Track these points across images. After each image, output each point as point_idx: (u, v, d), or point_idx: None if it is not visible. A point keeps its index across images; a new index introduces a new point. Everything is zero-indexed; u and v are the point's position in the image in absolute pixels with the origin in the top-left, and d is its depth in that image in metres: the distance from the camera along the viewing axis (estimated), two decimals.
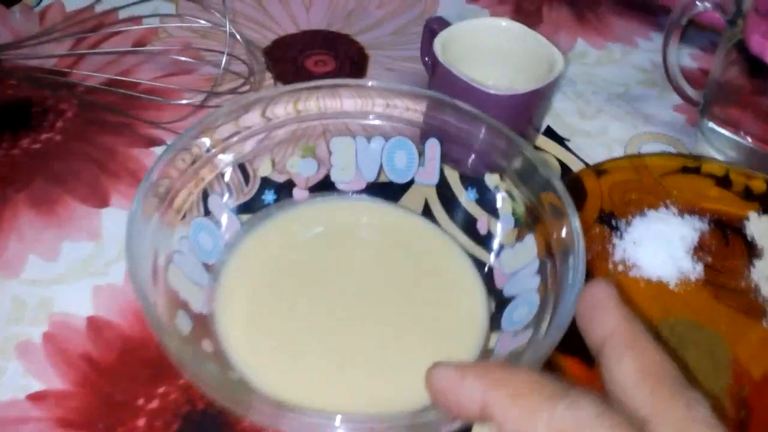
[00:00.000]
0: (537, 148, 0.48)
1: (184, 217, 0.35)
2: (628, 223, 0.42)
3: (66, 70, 0.50)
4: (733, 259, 0.42)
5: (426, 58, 0.49)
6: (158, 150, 0.45)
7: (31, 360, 0.35)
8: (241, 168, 0.38)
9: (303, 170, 0.39)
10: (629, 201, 0.44)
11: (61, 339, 0.36)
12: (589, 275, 0.39)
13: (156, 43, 0.53)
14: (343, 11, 0.58)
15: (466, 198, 0.39)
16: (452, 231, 0.39)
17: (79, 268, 0.39)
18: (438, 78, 0.43)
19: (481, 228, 0.38)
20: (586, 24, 0.59)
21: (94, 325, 0.36)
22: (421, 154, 0.39)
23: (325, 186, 0.40)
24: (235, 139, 0.37)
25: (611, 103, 0.52)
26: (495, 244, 0.37)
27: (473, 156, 0.37)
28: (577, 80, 0.53)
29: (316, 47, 0.54)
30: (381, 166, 0.40)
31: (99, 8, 0.56)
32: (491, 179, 0.37)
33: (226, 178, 0.38)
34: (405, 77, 0.52)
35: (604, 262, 0.40)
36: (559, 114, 0.51)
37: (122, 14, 0.56)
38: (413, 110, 0.38)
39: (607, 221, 0.43)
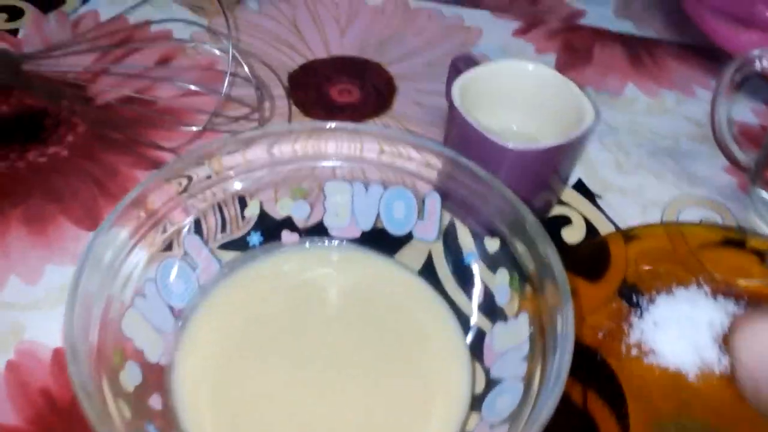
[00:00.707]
0: (562, 202, 0.43)
1: (159, 251, 0.33)
2: (651, 300, 0.38)
3: (83, 83, 0.49)
4: None
5: (450, 98, 0.46)
6: None
7: None
8: (226, 205, 0.36)
9: (294, 213, 0.37)
10: (657, 274, 0.39)
11: (24, 370, 0.34)
12: (600, 357, 0.35)
13: (182, 58, 0.52)
14: (378, 37, 0.55)
15: (466, 259, 0.35)
16: (453, 292, 0.35)
17: (57, 294, 0.37)
18: (454, 123, 0.40)
19: (477, 294, 0.34)
20: (639, 67, 0.54)
21: (59, 358, 0.35)
22: (421, 207, 0.36)
23: (317, 231, 0.37)
24: (229, 173, 0.35)
25: (654, 157, 0.47)
26: (488, 316, 0.33)
27: (473, 217, 0.34)
28: (620, 129, 0.49)
29: (344, 74, 0.52)
30: (378, 216, 0.37)
31: (133, 19, 0.56)
32: (491, 244, 0.33)
33: (211, 214, 0.36)
34: (432, 113, 0.49)
35: (617, 342, 0.36)
36: (594, 165, 0.46)
37: (154, 28, 0.55)
38: (416, 161, 0.35)
39: (628, 295, 0.38)
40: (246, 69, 0.43)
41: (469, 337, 0.34)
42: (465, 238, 0.35)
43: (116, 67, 0.50)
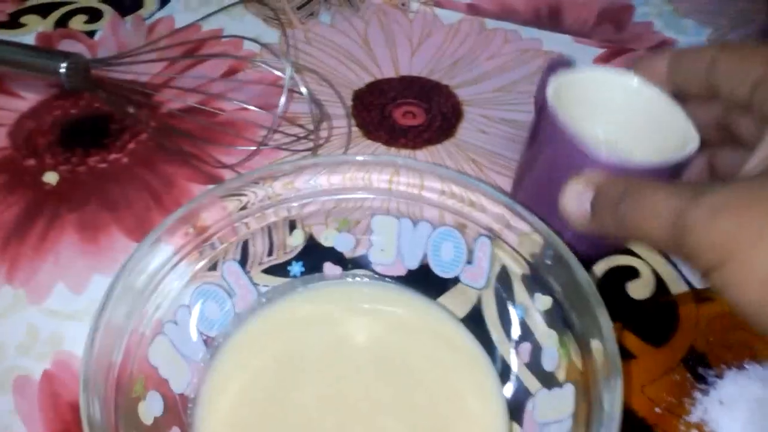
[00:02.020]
0: (630, 252, 0.40)
1: (202, 271, 0.33)
2: (720, 375, 0.34)
3: (150, 91, 0.49)
4: None
5: (539, 100, 0.40)
6: None
7: (23, 397, 0.34)
8: (276, 230, 0.35)
9: (339, 245, 0.35)
10: (729, 344, 0.36)
11: (58, 381, 0.34)
12: None
13: (249, 71, 0.52)
14: (449, 59, 0.53)
15: (515, 314, 0.33)
16: (500, 344, 0.33)
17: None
18: (542, 124, 0.36)
19: (523, 354, 0.32)
20: None
21: None
22: (470, 251, 0.34)
23: (361, 265, 0.36)
24: (281, 198, 0.34)
25: None
26: (534, 376, 0.31)
27: (526, 269, 0.31)
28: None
29: (410, 96, 0.50)
30: (425, 255, 0.35)
31: (206, 26, 0.56)
32: (541, 302, 0.31)
33: (260, 238, 0.35)
34: (497, 142, 0.47)
35: (676, 419, 0.33)
36: None
37: (226, 38, 0.55)
38: (470, 204, 0.33)
39: (694, 367, 0.35)
40: (304, 91, 0.42)
41: (509, 392, 0.31)
42: (517, 289, 0.33)
43: (182, 77, 0.50)
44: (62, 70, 0.46)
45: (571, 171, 0.31)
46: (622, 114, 0.37)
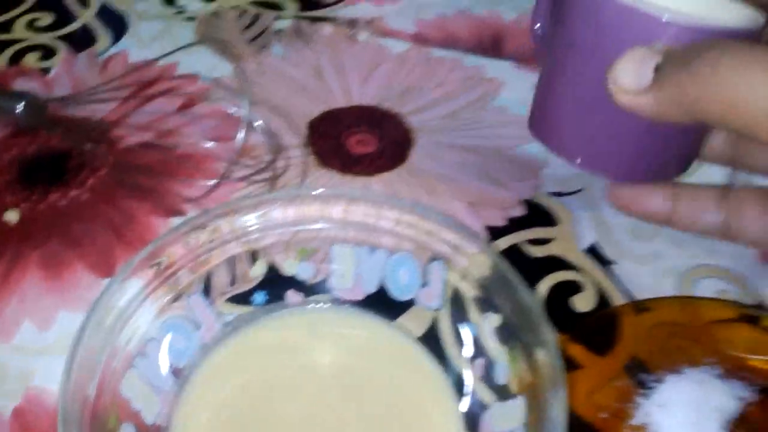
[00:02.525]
0: (573, 267, 0.43)
1: (168, 304, 0.34)
2: (659, 380, 0.37)
3: (107, 127, 0.50)
4: None
5: (537, 26, 0.36)
6: (176, 222, 0.44)
7: None
8: (238, 262, 0.37)
9: (300, 273, 0.37)
10: (668, 350, 0.38)
11: (30, 418, 0.35)
12: None
13: (205, 104, 0.53)
14: (399, 87, 0.56)
15: (468, 332, 0.35)
16: (457, 361, 0.35)
17: (67, 341, 0.37)
18: (567, 5, 0.28)
19: (477, 369, 0.34)
20: None
21: None
22: (425, 274, 0.36)
23: (321, 291, 0.38)
24: (241, 231, 0.36)
25: None
26: (488, 389, 0.33)
27: (476, 290, 0.34)
28: None
29: (363, 124, 0.52)
30: (383, 280, 0.37)
31: (161, 61, 0.57)
32: (491, 320, 0.33)
33: (223, 270, 0.36)
34: (448, 166, 0.49)
35: (620, 423, 0.35)
36: (610, 229, 0.46)
37: (181, 70, 0.56)
38: (422, 230, 0.35)
39: (635, 373, 0.37)
40: (259, 123, 0.44)
41: (466, 405, 0.33)
42: (469, 309, 0.35)
43: (138, 112, 0.51)
44: (19, 110, 0.47)
45: (623, 49, 0.24)
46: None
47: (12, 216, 0.44)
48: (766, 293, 0.42)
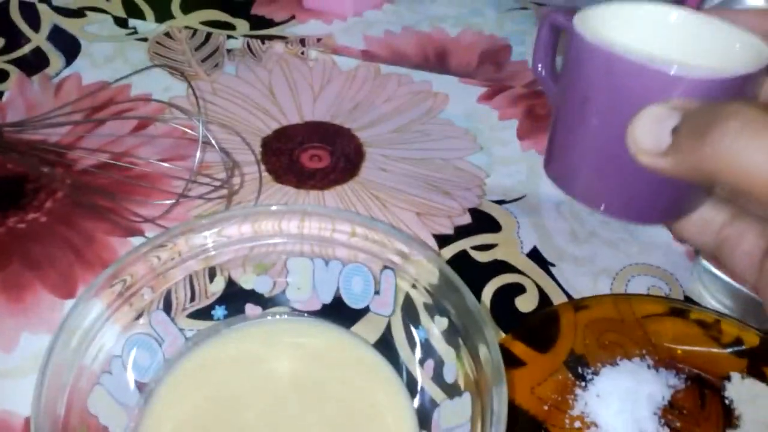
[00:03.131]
0: (517, 270, 0.46)
1: (130, 322, 0.35)
2: (596, 372, 0.40)
3: (64, 150, 0.51)
4: (706, 424, 0.38)
5: (539, 66, 0.36)
6: (135, 241, 0.45)
7: None
8: (197, 279, 0.38)
9: (258, 287, 0.39)
10: (604, 345, 0.42)
11: None
12: (545, 428, 0.37)
13: (159, 125, 0.54)
14: (349, 104, 0.58)
15: (418, 335, 0.37)
16: (409, 363, 0.37)
17: (31, 363, 0.39)
18: (576, 62, 0.28)
19: (428, 370, 0.36)
20: None
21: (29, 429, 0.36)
22: (377, 282, 0.38)
23: (279, 303, 0.39)
24: (200, 249, 0.37)
25: (607, 226, 0.49)
26: (439, 388, 0.35)
27: (424, 294, 0.36)
28: None
29: (315, 140, 0.54)
30: (338, 290, 0.39)
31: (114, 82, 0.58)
32: (439, 323, 0.36)
33: (182, 288, 0.38)
34: (397, 179, 0.51)
35: (561, 414, 0.38)
36: (550, 234, 0.49)
37: (134, 91, 0.57)
38: (373, 241, 0.37)
39: (575, 367, 0.40)
40: (215, 144, 0.46)
41: (417, 403, 0.36)
42: (419, 314, 0.37)
43: (93, 135, 0.53)
44: None
45: (635, 103, 0.25)
46: (661, 48, 0.30)
47: None
48: (693, 288, 0.46)
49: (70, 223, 0.47)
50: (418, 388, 0.36)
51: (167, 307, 0.37)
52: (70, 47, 0.62)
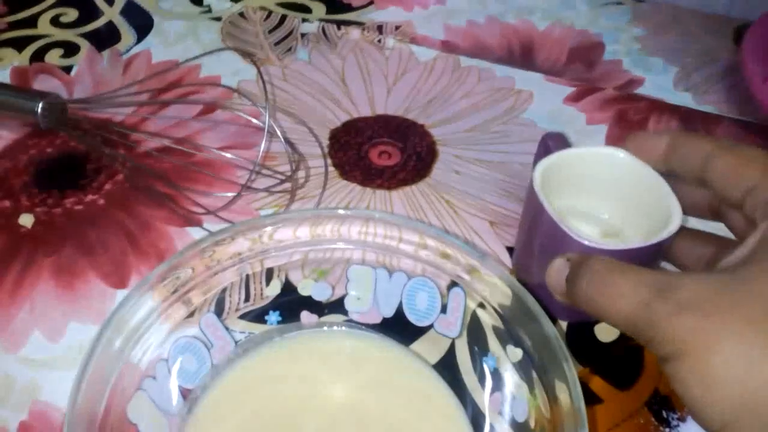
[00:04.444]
0: None
1: (181, 321, 0.33)
2: (682, 419, 0.35)
3: (127, 131, 0.49)
4: None
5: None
6: (193, 231, 0.43)
7: None
8: (253, 280, 0.36)
9: (315, 293, 0.36)
10: None
11: None
12: None
13: (227, 108, 0.52)
14: (424, 97, 0.54)
15: (488, 364, 0.34)
16: (474, 391, 0.34)
17: (76, 355, 0.38)
18: (530, 204, 0.37)
19: (495, 403, 0.33)
20: None
21: None
22: (445, 300, 0.35)
23: (337, 312, 0.37)
24: (258, 249, 0.35)
25: None
26: (506, 429, 0.32)
27: (497, 321, 0.32)
28: None
29: (386, 135, 0.51)
30: (401, 304, 0.36)
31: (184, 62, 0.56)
32: (513, 353, 0.32)
33: (237, 289, 0.35)
34: (470, 183, 0.48)
35: None
36: None
37: (204, 72, 0.55)
38: (443, 254, 0.34)
39: (658, 410, 0.36)
40: (280, 135, 0.43)
41: None
42: (489, 340, 0.34)
43: (159, 116, 0.51)
44: (39, 110, 0.46)
45: (556, 250, 0.33)
46: (614, 188, 0.39)
47: (26, 220, 0.44)
48: None
49: (128, 209, 0.45)
50: (486, 424, 0.32)
51: (219, 309, 0.35)
52: (142, 23, 0.60)
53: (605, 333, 0.40)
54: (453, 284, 0.34)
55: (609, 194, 0.40)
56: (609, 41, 0.61)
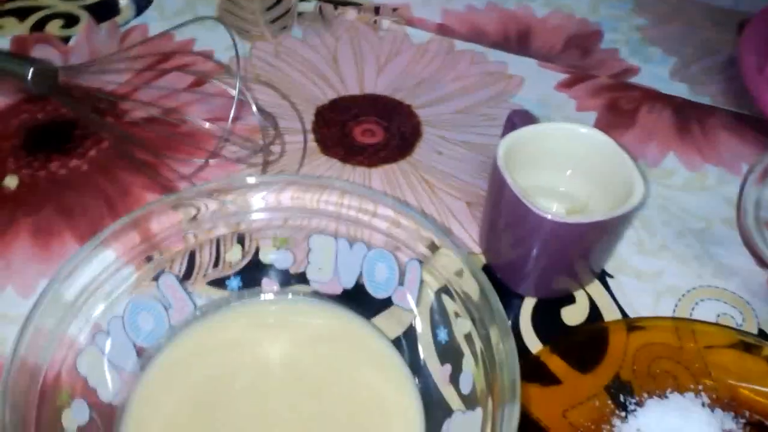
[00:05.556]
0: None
1: (144, 278, 0.34)
2: (641, 404, 0.35)
3: (116, 99, 0.50)
4: None
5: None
6: None
7: None
8: (224, 243, 0.36)
9: (277, 262, 0.36)
10: (655, 373, 0.37)
11: None
12: None
13: (217, 81, 0.52)
14: (414, 79, 0.54)
15: (439, 336, 0.34)
16: (433, 367, 0.34)
17: None
18: (494, 181, 0.38)
19: (444, 375, 0.33)
20: (686, 136, 0.51)
21: None
22: (402, 273, 0.35)
23: (299, 282, 0.37)
24: (225, 212, 0.35)
25: (681, 239, 0.44)
26: (455, 401, 0.32)
27: (450, 294, 0.32)
28: (649, 203, 0.46)
29: (372, 114, 0.51)
30: (361, 275, 0.36)
31: (179, 36, 0.57)
32: (463, 326, 0.32)
33: (198, 252, 0.36)
34: (452, 164, 0.48)
35: None
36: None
37: (198, 47, 0.56)
38: (404, 229, 0.34)
39: (616, 394, 0.36)
40: (253, 105, 0.43)
41: (430, 407, 0.33)
42: (443, 312, 0.34)
43: (149, 87, 0.51)
44: (29, 76, 0.47)
45: (520, 226, 0.35)
46: (577, 163, 0.39)
47: (11, 182, 0.45)
48: None
49: (110, 175, 0.46)
50: (434, 392, 0.32)
51: (181, 271, 0.35)
52: None
53: (571, 316, 0.39)
54: (411, 257, 0.34)
55: (574, 170, 0.40)
56: (608, 30, 0.60)
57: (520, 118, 0.41)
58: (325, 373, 0.33)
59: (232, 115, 0.42)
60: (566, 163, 0.40)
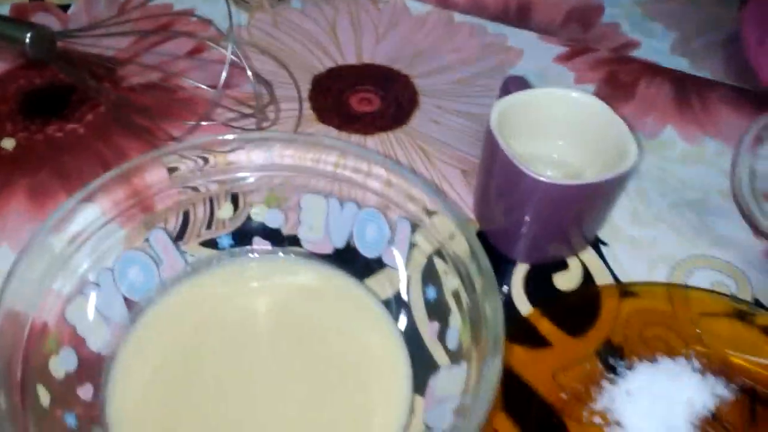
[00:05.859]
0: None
1: (134, 232, 0.34)
2: (630, 367, 0.35)
3: (114, 65, 0.50)
4: None
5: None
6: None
7: None
8: (217, 201, 0.36)
9: (268, 220, 0.36)
10: (647, 338, 0.36)
11: None
12: (557, 418, 0.33)
13: (212, 43, 0.52)
14: (413, 49, 0.54)
15: (428, 295, 0.34)
16: (422, 324, 0.34)
17: None
18: (487, 147, 0.38)
19: (432, 332, 0.33)
20: (685, 109, 0.51)
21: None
22: (393, 233, 0.35)
23: (291, 242, 0.37)
24: (212, 170, 0.35)
25: (676, 210, 0.44)
26: (442, 356, 0.32)
27: (441, 253, 0.32)
28: (646, 174, 0.46)
29: (369, 83, 0.51)
30: (351, 235, 0.36)
31: (178, 5, 0.57)
32: (451, 283, 0.32)
33: (197, 209, 0.36)
34: (448, 133, 0.47)
35: (581, 406, 0.34)
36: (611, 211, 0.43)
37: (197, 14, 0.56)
38: (395, 188, 0.34)
39: (606, 357, 0.35)
40: (249, 72, 0.43)
41: (418, 362, 0.33)
42: (432, 271, 0.34)
43: (148, 53, 0.51)
44: (27, 41, 0.47)
45: (513, 190, 0.35)
46: (570, 128, 0.39)
47: (8, 144, 0.45)
48: (766, 291, 0.39)
49: (106, 139, 0.46)
50: (424, 347, 0.32)
51: (182, 231, 0.35)
52: None
53: (563, 281, 0.39)
54: (401, 217, 0.34)
55: (568, 136, 0.39)
56: (609, 4, 0.60)
57: (515, 85, 0.41)
58: (313, 327, 0.33)
59: (223, 76, 0.42)
60: (560, 131, 0.40)
